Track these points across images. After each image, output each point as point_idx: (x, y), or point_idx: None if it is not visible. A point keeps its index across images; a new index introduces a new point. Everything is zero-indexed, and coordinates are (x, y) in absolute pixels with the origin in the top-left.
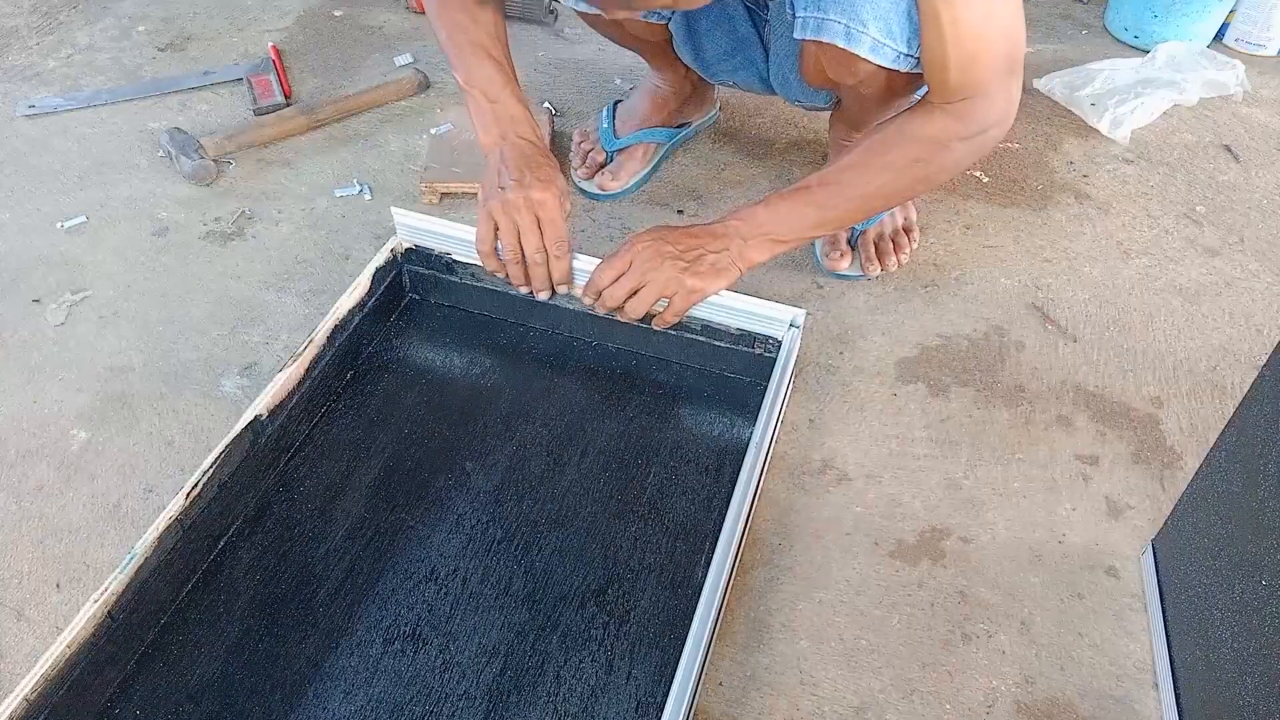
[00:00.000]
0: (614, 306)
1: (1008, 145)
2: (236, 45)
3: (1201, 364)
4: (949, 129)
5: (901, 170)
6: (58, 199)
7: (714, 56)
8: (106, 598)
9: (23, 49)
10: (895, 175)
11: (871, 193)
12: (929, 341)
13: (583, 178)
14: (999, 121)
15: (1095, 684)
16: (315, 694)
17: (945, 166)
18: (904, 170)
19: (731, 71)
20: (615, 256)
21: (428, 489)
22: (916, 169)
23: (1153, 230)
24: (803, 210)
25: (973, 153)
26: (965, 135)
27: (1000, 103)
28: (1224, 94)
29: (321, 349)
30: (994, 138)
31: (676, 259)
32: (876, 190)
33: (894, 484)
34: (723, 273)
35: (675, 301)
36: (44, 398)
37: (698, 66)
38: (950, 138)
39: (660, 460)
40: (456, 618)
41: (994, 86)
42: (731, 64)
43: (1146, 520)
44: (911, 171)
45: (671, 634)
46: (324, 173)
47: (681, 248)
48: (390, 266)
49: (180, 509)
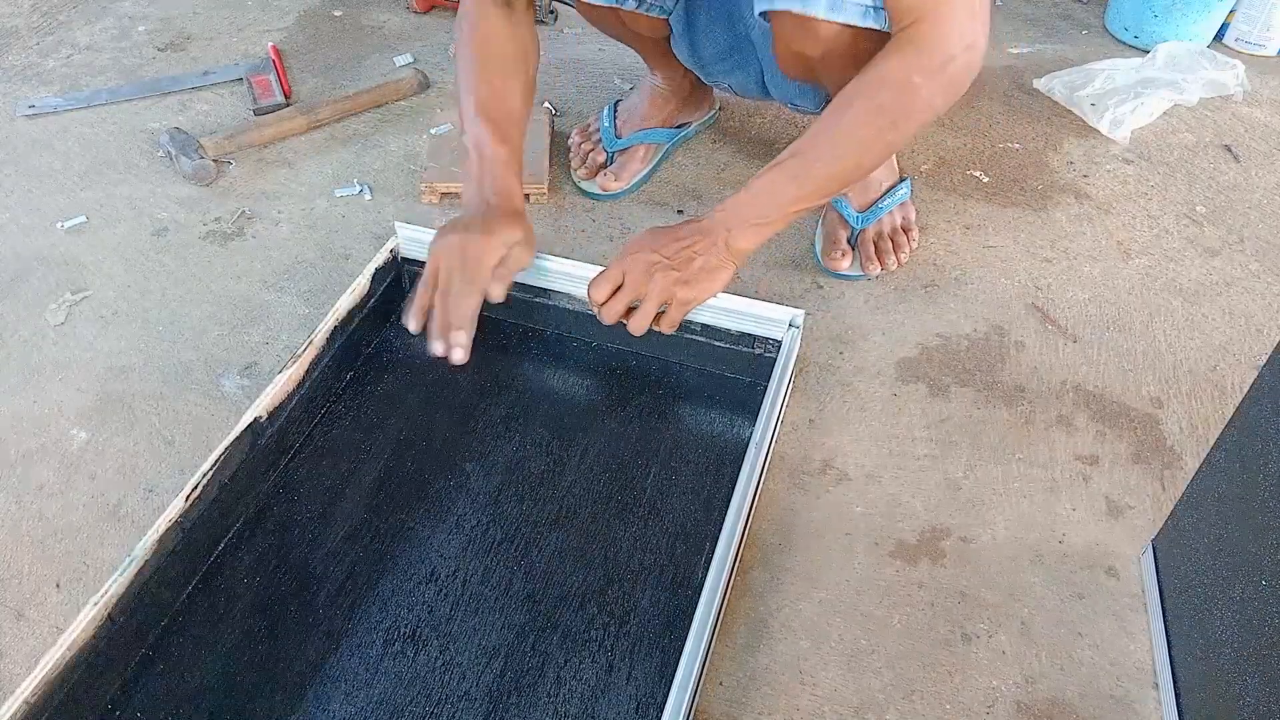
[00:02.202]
0: (613, 323)
1: (1007, 145)
2: (236, 45)
3: (1201, 364)
4: (908, 63)
5: (868, 121)
6: (58, 199)
7: (711, 56)
8: (106, 600)
9: (23, 49)
10: (863, 128)
11: (843, 153)
12: (929, 341)
13: (583, 178)
14: (963, 50)
15: (1095, 684)
16: (316, 696)
17: (912, 110)
18: (870, 121)
19: (727, 73)
20: (607, 270)
21: (428, 490)
22: (883, 117)
23: (1153, 230)
24: (781, 187)
25: (940, 91)
26: (927, 68)
27: (960, 24)
28: (1224, 94)
29: (321, 350)
30: (960, 72)
31: (668, 269)
32: (848, 149)
33: (894, 484)
34: (715, 273)
35: (671, 312)
36: (44, 398)
37: (694, 65)
38: (910, 73)
39: (660, 460)
40: (456, 619)
41: (950, 5)
42: (728, 64)
43: (1146, 520)
44: (878, 121)
45: (672, 634)
46: (324, 173)
47: (670, 253)
48: (390, 267)
49: (180, 511)
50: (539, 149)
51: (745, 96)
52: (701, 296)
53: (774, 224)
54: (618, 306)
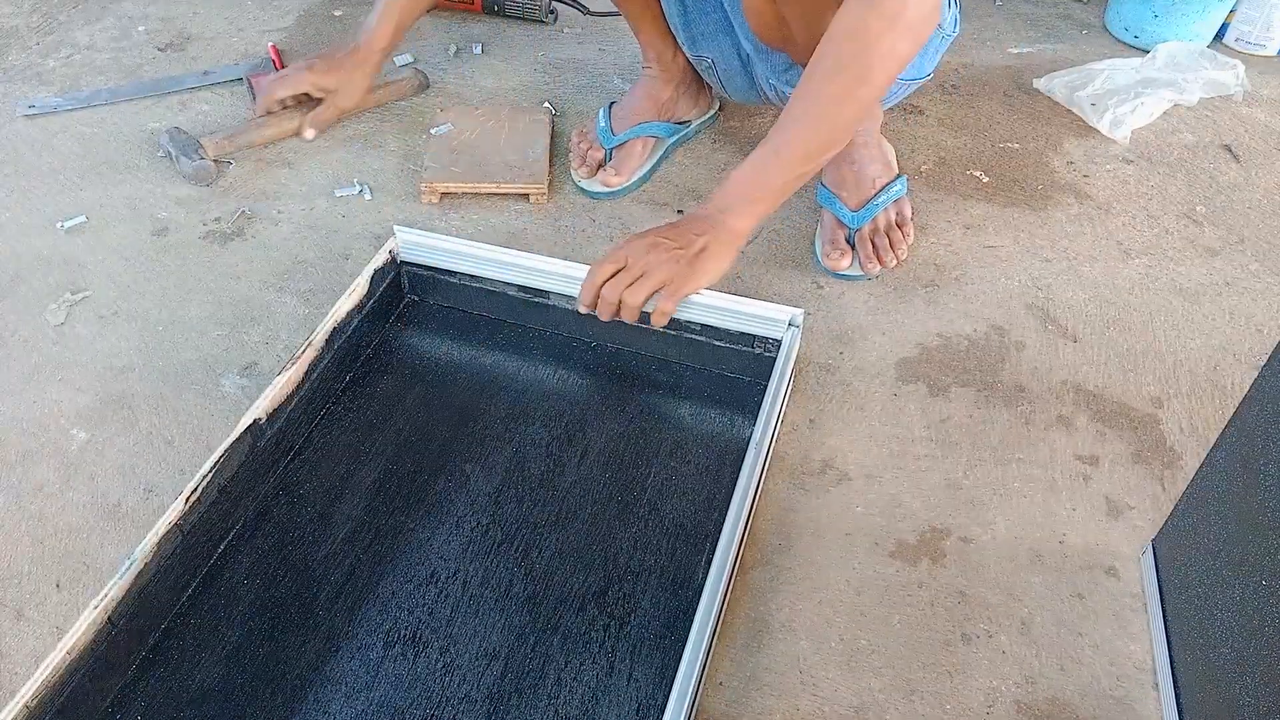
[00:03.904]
0: (613, 301)
1: (1007, 145)
2: (236, 45)
3: (1201, 364)
4: (863, 13)
5: (834, 79)
6: (58, 199)
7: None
8: (106, 603)
9: (23, 49)
10: (831, 86)
11: (817, 116)
12: (929, 341)
13: (584, 176)
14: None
15: (1095, 684)
16: (316, 698)
17: (875, 61)
18: (835, 78)
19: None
20: (608, 256)
21: (427, 491)
22: (847, 73)
23: (1153, 230)
24: (766, 161)
25: (901, 37)
26: (884, 15)
27: None
28: (1224, 94)
29: (320, 351)
30: (917, 17)
31: (672, 248)
32: (822, 111)
33: (894, 484)
34: (717, 255)
35: (675, 283)
36: (44, 398)
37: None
38: (867, 22)
39: (660, 460)
40: (457, 620)
41: None
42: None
43: (1146, 520)
44: (843, 78)
45: (672, 635)
46: (324, 173)
47: (671, 235)
48: (389, 268)
49: (180, 513)
50: (539, 149)
51: (729, 88)
52: (703, 280)
53: (767, 199)
54: (620, 284)
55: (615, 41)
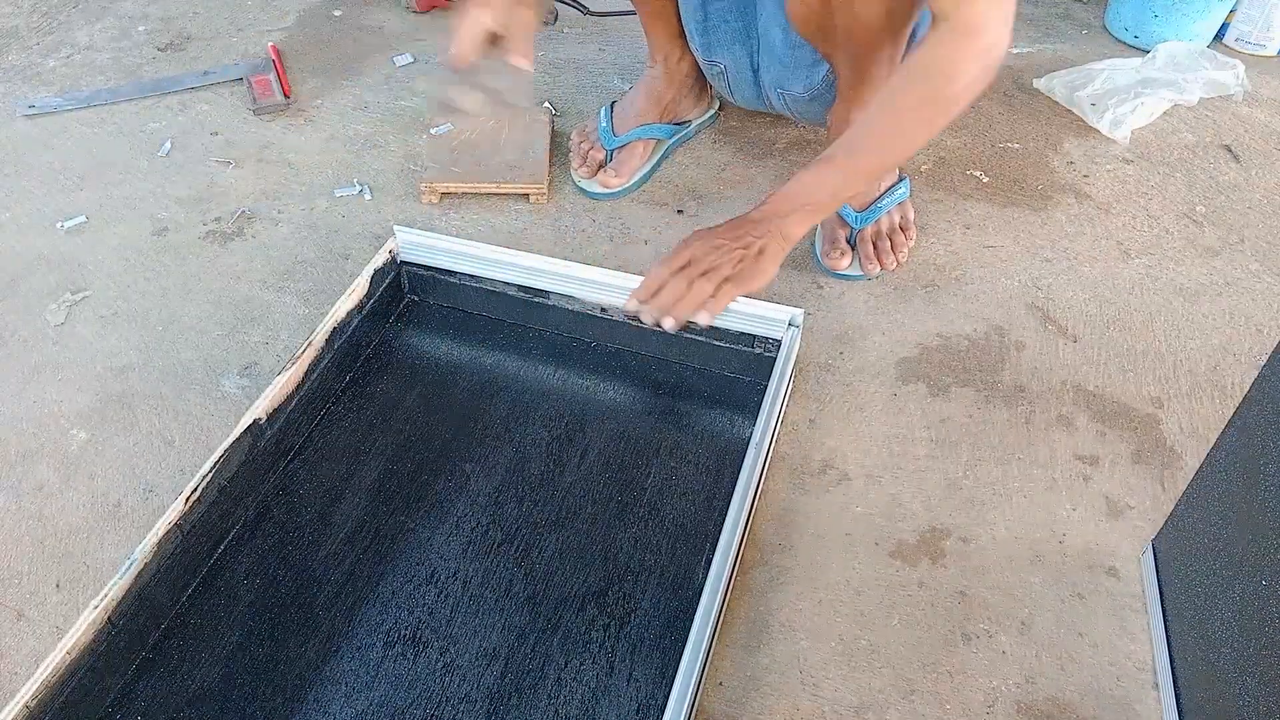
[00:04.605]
0: (680, 292)
1: (1007, 145)
2: (236, 45)
3: (1201, 364)
4: (959, 50)
5: (917, 109)
6: (58, 199)
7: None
8: (106, 603)
9: (23, 49)
10: (912, 115)
11: (893, 140)
12: (929, 341)
13: (584, 177)
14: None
15: (1095, 684)
16: (316, 698)
17: (956, 97)
18: (920, 109)
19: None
20: (674, 253)
21: (427, 491)
22: (931, 106)
23: (1153, 230)
24: (833, 174)
25: (980, 76)
26: (973, 54)
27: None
28: (1224, 94)
29: (320, 351)
30: (998, 56)
31: (734, 249)
32: (899, 136)
33: (894, 484)
34: (774, 258)
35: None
36: (44, 398)
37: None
38: (959, 60)
39: (660, 460)
40: (457, 620)
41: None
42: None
43: (1146, 520)
44: (926, 110)
45: (672, 635)
46: (324, 173)
47: (731, 238)
48: (389, 268)
49: (179, 513)
50: (539, 149)
51: (736, 94)
52: (762, 279)
53: (822, 210)
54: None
55: (615, 41)
